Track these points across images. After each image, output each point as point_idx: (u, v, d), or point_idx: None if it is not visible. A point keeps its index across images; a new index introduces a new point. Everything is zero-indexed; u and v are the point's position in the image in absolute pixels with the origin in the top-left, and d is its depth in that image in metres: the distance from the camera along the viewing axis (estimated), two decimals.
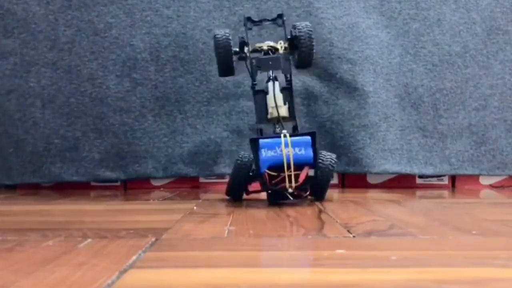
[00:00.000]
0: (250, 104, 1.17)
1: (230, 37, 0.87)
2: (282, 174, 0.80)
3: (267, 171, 0.80)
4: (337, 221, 0.65)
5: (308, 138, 0.81)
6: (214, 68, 1.18)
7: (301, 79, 1.16)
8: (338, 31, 1.17)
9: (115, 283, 0.36)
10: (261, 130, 0.87)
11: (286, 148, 0.80)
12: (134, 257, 0.44)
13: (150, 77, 1.18)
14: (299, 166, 0.80)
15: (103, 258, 0.44)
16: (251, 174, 0.87)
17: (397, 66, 1.20)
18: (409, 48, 1.20)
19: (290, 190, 0.81)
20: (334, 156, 0.89)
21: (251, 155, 0.86)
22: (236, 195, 0.93)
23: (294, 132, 0.86)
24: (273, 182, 0.81)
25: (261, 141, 0.81)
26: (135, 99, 1.18)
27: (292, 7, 1.18)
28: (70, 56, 1.18)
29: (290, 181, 0.80)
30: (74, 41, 1.18)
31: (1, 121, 1.20)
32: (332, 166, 0.87)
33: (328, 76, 1.17)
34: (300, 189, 0.82)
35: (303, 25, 0.88)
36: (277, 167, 0.80)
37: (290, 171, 0.80)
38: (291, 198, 0.82)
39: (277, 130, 0.85)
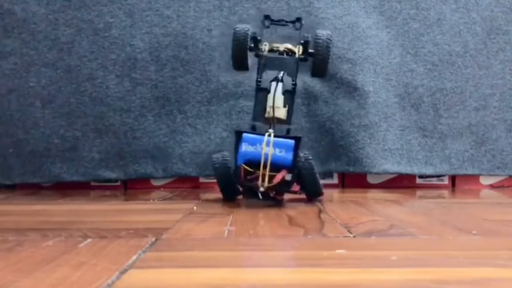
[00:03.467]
0: (250, 104, 1.16)
1: (249, 33, 0.87)
2: (258, 171, 0.79)
3: (244, 165, 0.80)
4: (337, 221, 0.65)
5: (292, 142, 0.80)
6: (214, 68, 1.18)
7: (301, 79, 1.16)
8: (338, 31, 1.17)
9: (115, 283, 0.36)
10: (254, 127, 0.86)
11: (268, 147, 0.79)
12: (134, 257, 0.44)
13: (150, 77, 1.18)
14: (277, 167, 0.79)
15: (103, 258, 0.44)
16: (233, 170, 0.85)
17: (397, 66, 1.20)
18: (409, 48, 1.20)
19: (261, 189, 0.80)
20: (307, 152, 0.88)
21: (224, 153, 0.89)
22: (227, 196, 0.92)
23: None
24: (248, 178, 0.80)
25: (244, 135, 0.81)
26: (135, 99, 1.18)
27: (292, 7, 1.18)
28: (70, 56, 1.18)
29: (263, 180, 0.79)
30: (74, 41, 1.18)
31: (1, 121, 1.20)
32: (308, 159, 0.86)
33: (328, 76, 1.17)
34: (276, 190, 0.82)
35: (324, 33, 0.87)
36: (255, 163, 0.79)
37: (266, 171, 0.79)
38: (260, 197, 0.81)
39: (270, 130, 0.83)
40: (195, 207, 0.82)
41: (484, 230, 0.59)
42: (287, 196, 0.89)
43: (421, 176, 1.24)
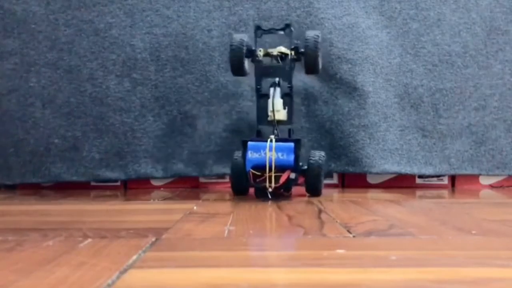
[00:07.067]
0: (250, 104, 1.17)
1: (244, 43, 0.95)
2: (265, 174, 0.88)
3: (252, 170, 0.89)
4: (337, 221, 0.65)
5: (292, 144, 0.89)
6: (214, 68, 1.18)
7: (301, 79, 1.16)
8: (338, 31, 1.17)
9: (115, 283, 0.36)
10: (259, 132, 0.97)
11: (271, 151, 0.88)
12: (134, 257, 0.44)
13: (150, 77, 1.18)
14: (281, 168, 0.89)
15: (103, 258, 0.44)
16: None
17: (397, 66, 1.20)
18: (409, 48, 1.20)
19: (269, 190, 0.89)
20: (323, 153, 0.98)
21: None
22: (239, 190, 1.00)
23: (289, 135, 0.96)
24: (257, 180, 0.89)
25: (249, 143, 0.90)
26: (135, 99, 1.18)
27: (292, 7, 1.18)
28: (70, 56, 1.18)
29: (270, 182, 0.88)
30: (74, 41, 1.18)
31: (1, 121, 1.20)
32: (321, 160, 0.95)
33: (328, 76, 1.17)
34: (282, 189, 0.91)
35: (311, 34, 0.95)
36: (261, 167, 0.89)
37: (272, 173, 0.88)
38: (269, 197, 0.90)
39: (274, 132, 0.93)
40: (195, 207, 0.82)
41: (484, 230, 0.59)
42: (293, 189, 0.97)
43: (420, 176, 1.24)
